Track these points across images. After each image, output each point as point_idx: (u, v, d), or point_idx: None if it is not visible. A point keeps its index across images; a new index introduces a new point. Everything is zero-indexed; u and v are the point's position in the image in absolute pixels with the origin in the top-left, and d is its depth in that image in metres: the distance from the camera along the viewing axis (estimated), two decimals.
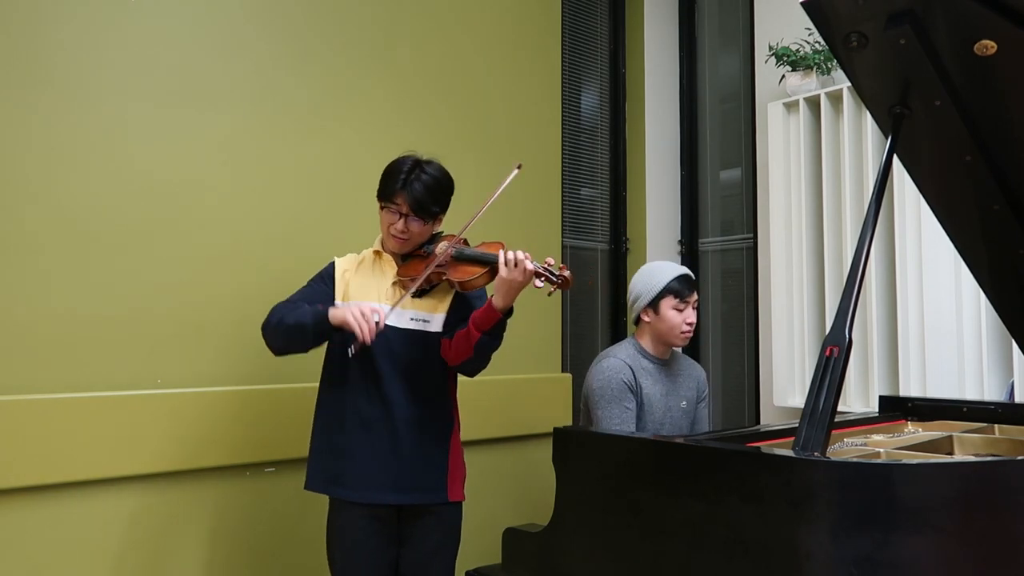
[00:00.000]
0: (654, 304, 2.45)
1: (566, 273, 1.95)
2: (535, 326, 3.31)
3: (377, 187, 2.12)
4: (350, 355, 1.93)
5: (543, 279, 1.94)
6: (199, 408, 2.38)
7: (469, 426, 2.41)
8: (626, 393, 2.39)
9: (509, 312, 1.99)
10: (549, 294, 1.99)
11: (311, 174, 2.69)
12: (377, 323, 1.92)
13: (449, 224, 2.22)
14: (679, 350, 2.63)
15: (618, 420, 2.35)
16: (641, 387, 2.44)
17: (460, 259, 2.05)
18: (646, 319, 2.49)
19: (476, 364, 2.07)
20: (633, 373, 2.43)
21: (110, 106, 2.30)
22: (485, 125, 3.18)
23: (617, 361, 2.44)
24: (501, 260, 1.93)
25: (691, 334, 2.49)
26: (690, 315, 2.46)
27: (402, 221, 2.06)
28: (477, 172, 2.20)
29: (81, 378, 2.21)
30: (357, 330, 1.90)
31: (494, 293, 1.97)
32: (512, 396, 3.16)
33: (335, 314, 1.96)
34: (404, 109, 2.93)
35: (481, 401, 3.03)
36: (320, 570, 2.30)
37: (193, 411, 2.37)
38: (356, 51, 2.82)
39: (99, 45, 2.29)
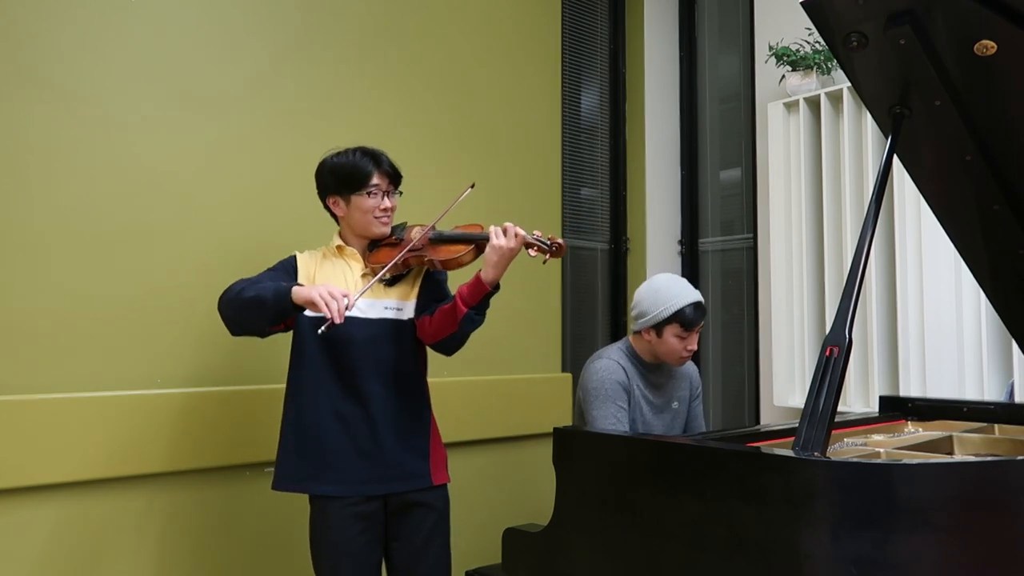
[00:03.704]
0: (658, 328, 2.38)
1: (559, 240, 1.97)
2: (535, 326, 3.31)
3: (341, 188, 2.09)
4: (319, 333, 1.86)
5: (535, 248, 1.96)
6: (199, 408, 2.38)
7: (469, 426, 2.41)
8: (620, 393, 2.39)
9: (496, 287, 2.00)
10: (544, 262, 2.00)
11: (311, 175, 2.69)
12: (346, 306, 1.86)
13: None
14: None
15: (613, 419, 2.35)
16: (632, 389, 2.44)
17: (440, 240, 2.08)
18: (646, 337, 2.43)
19: (458, 340, 2.06)
20: (626, 374, 2.43)
21: (109, 107, 2.30)
22: (485, 125, 3.18)
23: (611, 362, 2.43)
24: (492, 230, 1.96)
25: (689, 358, 2.45)
26: (692, 343, 2.39)
27: (386, 199, 2.10)
28: (477, 172, 2.20)
29: (81, 378, 2.21)
30: (325, 309, 1.83)
31: (483, 267, 1.98)
32: (512, 396, 3.16)
33: (300, 292, 1.89)
34: (404, 109, 2.93)
35: (481, 401, 3.03)
36: None
37: (193, 411, 2.37)
38: (355, 52, 2.82)
39: (99, 46, 2.29)
